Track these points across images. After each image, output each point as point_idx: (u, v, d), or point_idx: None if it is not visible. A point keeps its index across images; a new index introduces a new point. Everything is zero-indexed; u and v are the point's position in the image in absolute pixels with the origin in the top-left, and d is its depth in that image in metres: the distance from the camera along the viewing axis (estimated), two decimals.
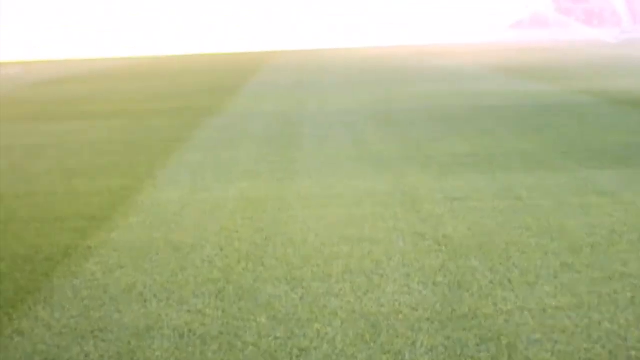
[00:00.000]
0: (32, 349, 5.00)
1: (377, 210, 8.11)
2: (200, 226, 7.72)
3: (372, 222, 7.68)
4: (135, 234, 7.54)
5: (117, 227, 7.78)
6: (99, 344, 5.04)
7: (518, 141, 12.17)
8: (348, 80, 25.38)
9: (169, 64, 40.81)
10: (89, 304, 5.72)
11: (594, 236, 7.04)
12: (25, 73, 35.94)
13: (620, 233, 7.09)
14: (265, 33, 72.85)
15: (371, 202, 8.46)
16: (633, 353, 4.68)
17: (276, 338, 5.04)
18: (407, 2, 74.64)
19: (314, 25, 73.95)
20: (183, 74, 32.13)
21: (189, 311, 5.52)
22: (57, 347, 5.01)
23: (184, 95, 21.72)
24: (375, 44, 61.80)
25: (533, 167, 10.06)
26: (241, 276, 6.24)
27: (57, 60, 51.96)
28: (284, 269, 6.38)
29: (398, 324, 5.17)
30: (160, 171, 10.51)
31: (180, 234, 7.47)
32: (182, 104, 19.10)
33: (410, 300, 5.60)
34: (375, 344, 4.90)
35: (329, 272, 6.29)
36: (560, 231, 7.21)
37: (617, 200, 8.25)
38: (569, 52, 39.55)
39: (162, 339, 5.08)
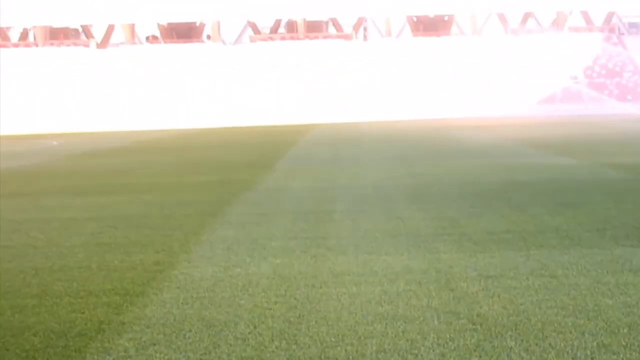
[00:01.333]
0: None
1: (411, 287, 8.04)
2: (234, 303, 7.67)
3: (406, 299, 7.60)
4: (169, 310, 7.50)
5: (150, 303, 7.74)
6: None
7: (552, 217, 12.06)
8: (382, 154, 25.41)
9: (203, 137, 41.08)
10: None
11: (631, 316, 6.92)
12: (62, 145, 36.26)
13: None
14: (298, 106, 73.29)
15: (405, 279, 8.39)
16: None
17: None
18: (439, 75, 74.95)
19: (349, 98, 74.34)
20: (218, 146, 32.31)
21: None
22: None
23: (219, 168, 21.80)
24: (408, 117, 61.98)
25: (568, 245, 9.96)
26: (274, 354, 6.18)
27: (94, 132, 52.43)
28: (318, 348, 6.31)
29: None
30: (194, 246, 10.49)
31: (213, 311, 7.42)
32: (217, 177, 19.15)
33: None
34: None
35: (362, 351, 6.21)
36: (597, 310, 7.09)
37: None
38: (602, 127, 39.47)
39: None
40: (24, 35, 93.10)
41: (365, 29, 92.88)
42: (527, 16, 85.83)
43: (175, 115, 72.80)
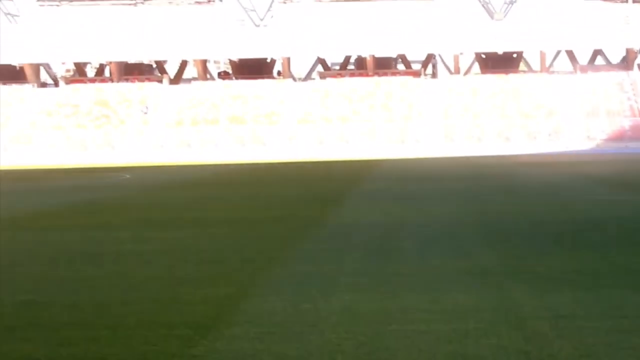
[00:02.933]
0: None
1: (481, 326, 7.94)
2: (304, 338, 7.65)
3: (475, 338, 7.51)
4: (239, 344, 7.51)
5: (221, 337, 7.76)
6: None
7: (623, 257, 11.86)
8: (451, 190, 25.24)
9: (274, 170, 41.25)
10: None
11: None
12: (135, 178, 36.64)
13: None
14: (366, 141, 73.33)
15: (475, 317, 8.29)
16: None
17: None
18: (508, 111, 74.52)
19: (417, 134, 74.23)
20: (288, 180, 32.41)
21: None
22: None
23: (289, 203, 21.85)
24: (475, 153, 61.65)
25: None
26: None
27: (166, 164, 52.89)
28: None
29: None
30: (265, 281, 10.50)
31: (283, 346, 7.41)
32: (288, 212, 19.19)
33: None
34: None
35: None
36: None
37: None
38: None
39: None
40: (100, 71, 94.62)
41: (434, 66, 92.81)
42: (596, 53, 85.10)
43: (244, 149, 73.28)
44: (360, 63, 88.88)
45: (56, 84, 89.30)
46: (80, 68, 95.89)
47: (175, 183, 32.71)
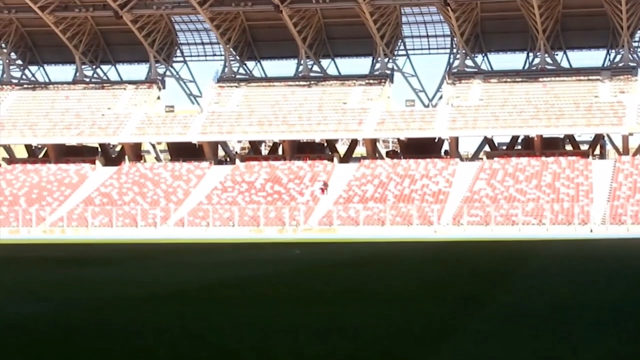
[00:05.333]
0: None
1: None
2: None
3: None
4: None
5: None
6: None
7: None
8: (616, 271, 23.95)
9: (440, 249, 40.51)
10: None
11: None
12: (306, 254, 36.53)
13: None
14: (533, 221, 71.65)
15: None
16: None
17: None
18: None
19: (583, 211, 72.12)
20: (454, 259, 31.64)
21: None
22: None
23: (454, 282, 21.13)
24: None
25: None
26: None
27: (335, 241, 52.72)
28: None
29: None
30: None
31: None
32: (451, 292, 18.50)
33: None
34: None
35: None
36: None
37: None
38: None
39: None
40: (273, 149, 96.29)
41: (602, 147, 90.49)
42: None
43: (410, 228, 72.71)
44: (528, 143, 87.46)
45: (232, 161, 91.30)
46: (255, 146, 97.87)
47: (342, 259, 32.38)
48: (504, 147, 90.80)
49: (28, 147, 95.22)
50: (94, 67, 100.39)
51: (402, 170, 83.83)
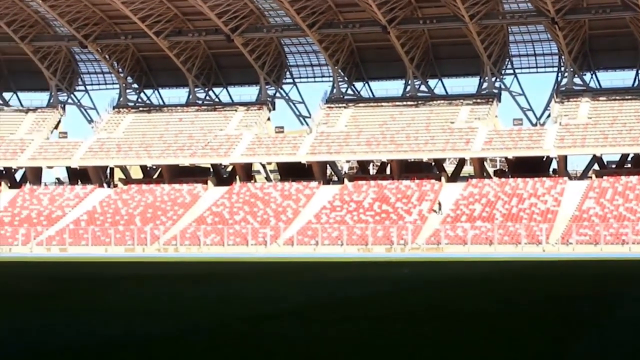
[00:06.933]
0: None
1: None
2: None
3: None
4: None
5: None
6: None
7: None
8: None
9: (550, 269, 39.71)
10: None
11: None
12: (414, 274, 36.24)
13: None
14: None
15: None
16: None
17: None
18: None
19: None
20: (563, 278, 30.98)
21: None
22: None
23: (564, 301, 20.64)
24: None
25: None
26: None
27: (442, 260, 52.16)
28: None
29: None
30: None
31: None
32: (560, 310, 18.06)
33: None
34: None
35: None
36: None
37: None
38: None
39: None
40: (381, 169, 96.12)
41: None
42: None
43: (518, 247, 71.58)
44: (638, 161, 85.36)
45: (340, 181, 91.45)
46: (363, 166, 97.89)
47: (449, 279, 32.02)
48: (613, 166, 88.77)
49: (143, 168, 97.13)
50: (206, 89, 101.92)
51: (510, 189, 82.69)
